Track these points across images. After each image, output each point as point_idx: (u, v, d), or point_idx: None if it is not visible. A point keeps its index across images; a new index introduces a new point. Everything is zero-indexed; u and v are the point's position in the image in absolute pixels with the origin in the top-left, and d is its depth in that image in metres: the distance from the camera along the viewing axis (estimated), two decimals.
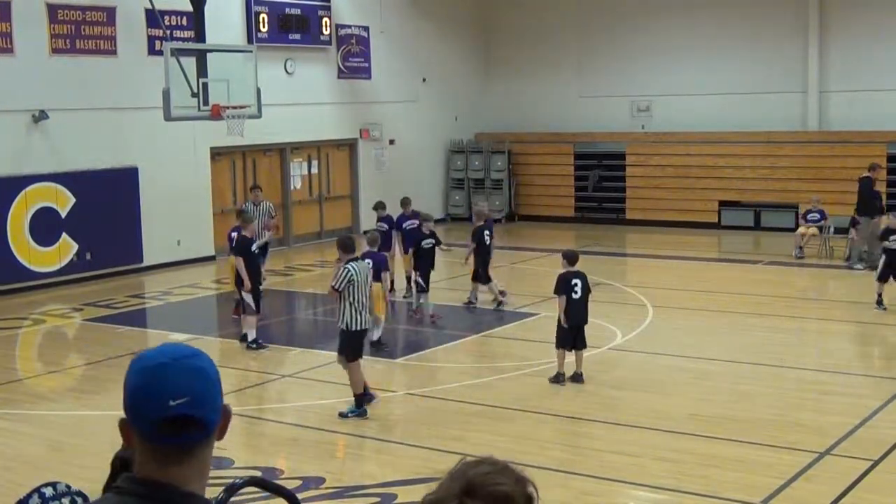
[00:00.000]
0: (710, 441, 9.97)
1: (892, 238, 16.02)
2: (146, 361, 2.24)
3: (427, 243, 15.92)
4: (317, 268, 20.95)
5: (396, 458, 9.73)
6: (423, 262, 15.77)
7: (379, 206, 18.17)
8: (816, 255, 21.04)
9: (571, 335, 11.89)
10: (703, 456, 9.56)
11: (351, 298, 10.96)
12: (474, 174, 28.13)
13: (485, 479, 1.93)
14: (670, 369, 12.97)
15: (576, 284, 11.84)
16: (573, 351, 12.02)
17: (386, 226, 17.82)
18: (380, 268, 13.67)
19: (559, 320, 11.94)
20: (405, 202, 17.70)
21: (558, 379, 11.87)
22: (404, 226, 17.34)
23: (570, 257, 12.16)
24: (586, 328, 12.14)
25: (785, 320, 15.72)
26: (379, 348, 13.73)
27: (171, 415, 2.18)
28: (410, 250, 16.18)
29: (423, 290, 15.71)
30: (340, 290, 10.99)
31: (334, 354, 13.61)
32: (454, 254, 18.45)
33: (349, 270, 11.03)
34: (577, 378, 11.88)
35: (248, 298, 13.75)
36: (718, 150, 25.64)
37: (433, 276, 15.98)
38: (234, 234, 14.88)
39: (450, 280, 18.62)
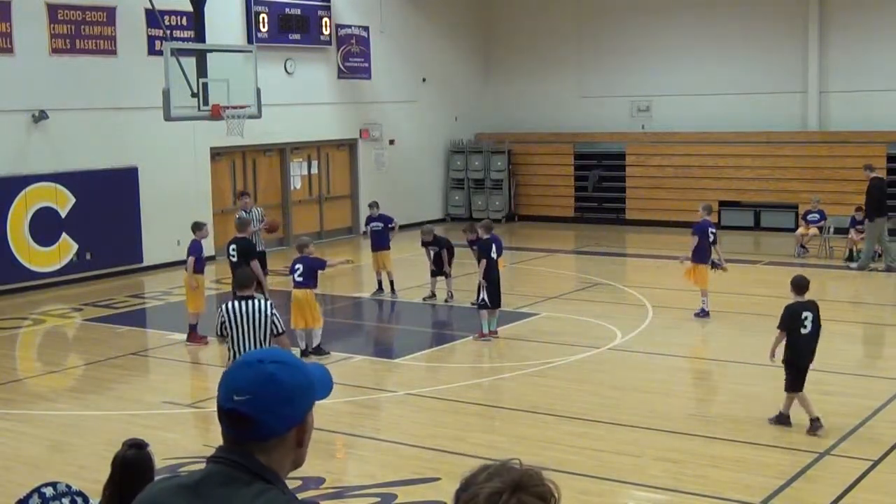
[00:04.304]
0: (710, 441, 9.97)
1: None
2: (243, 358, 2.58)
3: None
4: None
5: (396, 458, 9.73)
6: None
7: (373, 205, 18.24)
8: (816, 255, 21.05)
9: (801, 376, 10.24)
10: (703, 456, 9.56)
11: (229, 343, 9.64)
12: (474, 174, 28.12)
13: (531, 479, 2.21)
14: (670, 369, 12.98)
15: (806, 318, 10.22)
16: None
17: (381, 224, 17.88)
18: (313, 271, 13.44)
19: (783, 357, 10.33)
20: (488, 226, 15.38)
21: (814, 426, 10.07)
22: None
23: (801, 285, 10.44)
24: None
25: None
26: (321, 354, 13.38)
27: (228, 407, 2.48)
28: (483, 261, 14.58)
29: (486, 305, 14.42)
30: (218, 333, 9.78)
31: (336, 354, 13.67)
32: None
33: (221, 311, 9.72)
34: (816, 425, 10.06)
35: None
36: (718, 150, 25.63)
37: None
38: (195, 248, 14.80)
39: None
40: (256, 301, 9.58)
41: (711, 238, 15.63)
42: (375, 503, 8.52)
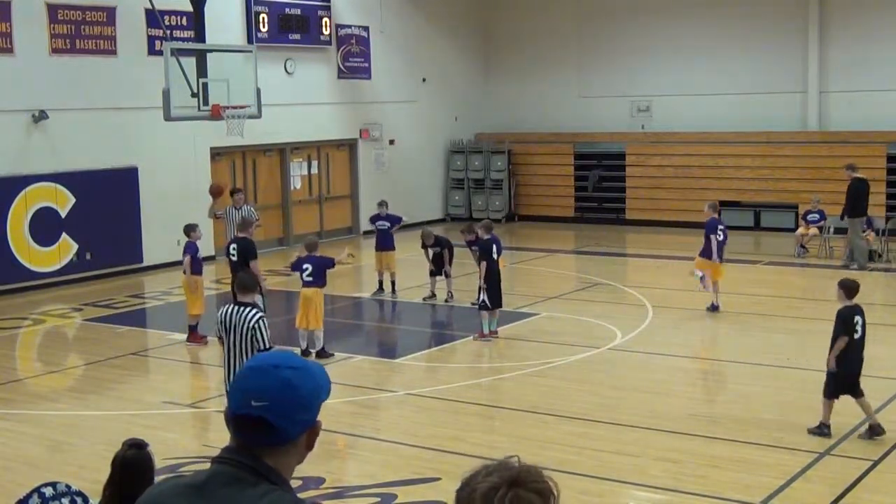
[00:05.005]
0: (710, 441, 9.97)
1: None
2: (254, 362, 2.58)
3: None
4: None
5: (396, 458, 9.73)
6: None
7: (382, 204, 18.29)
8: (816, 255, 21.07)
9: (848, 382, 10.02)
10: (703, 456, 9.57)
11: (224, 348, 9.36)
12: (474, 174, 28.12)
13: (529, 475, 2.22)
14: (670, 369, 12.98)
15: (857, 322, 10.08)
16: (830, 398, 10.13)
17: (387, 224, 17.92)
18: (322, 270, 13.50)
19: (829, 364, 10.11)
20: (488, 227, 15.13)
21: (822, 430, 9.96)
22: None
23: (852, 288, 10.23)
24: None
25: (785, 320, 15.72)
26: (324, 357, 13.28)
27: (243, 413, 2.47)
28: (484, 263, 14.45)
29: (486, 307, 14.35)
30: (217, 336, 9.49)
31: (336, 354, 13.66)
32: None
33: (217, 315, 9.38)
34: (876, 431, 9.91)
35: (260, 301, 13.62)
36: (718, 150, 25.63)
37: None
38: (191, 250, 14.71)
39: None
40: (247, 310, 9.12)
41: (721, 236, 15.73)
42: (375, 503, 8.52)
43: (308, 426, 2.54)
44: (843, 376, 10.01)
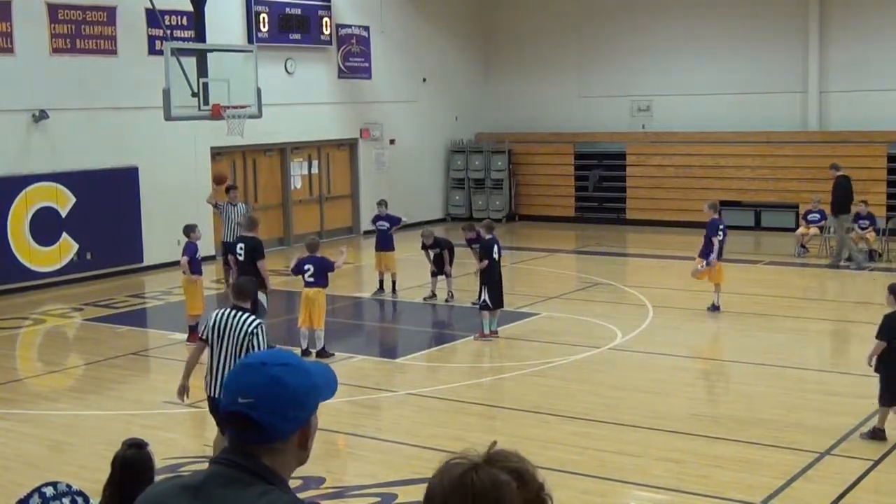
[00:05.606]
0: (711, 441, 9.96)
1: None
2: (245, 359, 2.60)
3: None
4: None
5: (396, 458, 9.73)
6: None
7: (381, 203, 18.26)
8: (816, 254, 21.06)
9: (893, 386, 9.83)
10: (704, 456, 9.56)
11: (209, 352, 8.86)
12: (474, 174, 28.12)
13: (502, 456, 2.18)
14: (670, 369, 12.97)
15: None
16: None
17: (387, 224, 17.92)
18: (324, 271, 13.50)
19: (874, 368, 10.01)
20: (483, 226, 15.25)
21: (876, 434, 9.82)
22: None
23: None
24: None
25: (785, 320, 15.72)
26: (325, 356, 13.25)
27: (232, 410, 2.47)
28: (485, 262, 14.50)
29: (488, 307, 14.36)
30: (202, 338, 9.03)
31: (337, 354, 13.64)
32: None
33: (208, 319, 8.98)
34: (878, 436, 9.81)
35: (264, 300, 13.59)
36: (718, 150, 25.63)
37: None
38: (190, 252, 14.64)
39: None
40: (244, 315, 8.67)
41: (721, 236, 15.74)
42: (375, 503, 8.52)
43: (300, 424, 2.52)
44: (890, 381, 9.85)
